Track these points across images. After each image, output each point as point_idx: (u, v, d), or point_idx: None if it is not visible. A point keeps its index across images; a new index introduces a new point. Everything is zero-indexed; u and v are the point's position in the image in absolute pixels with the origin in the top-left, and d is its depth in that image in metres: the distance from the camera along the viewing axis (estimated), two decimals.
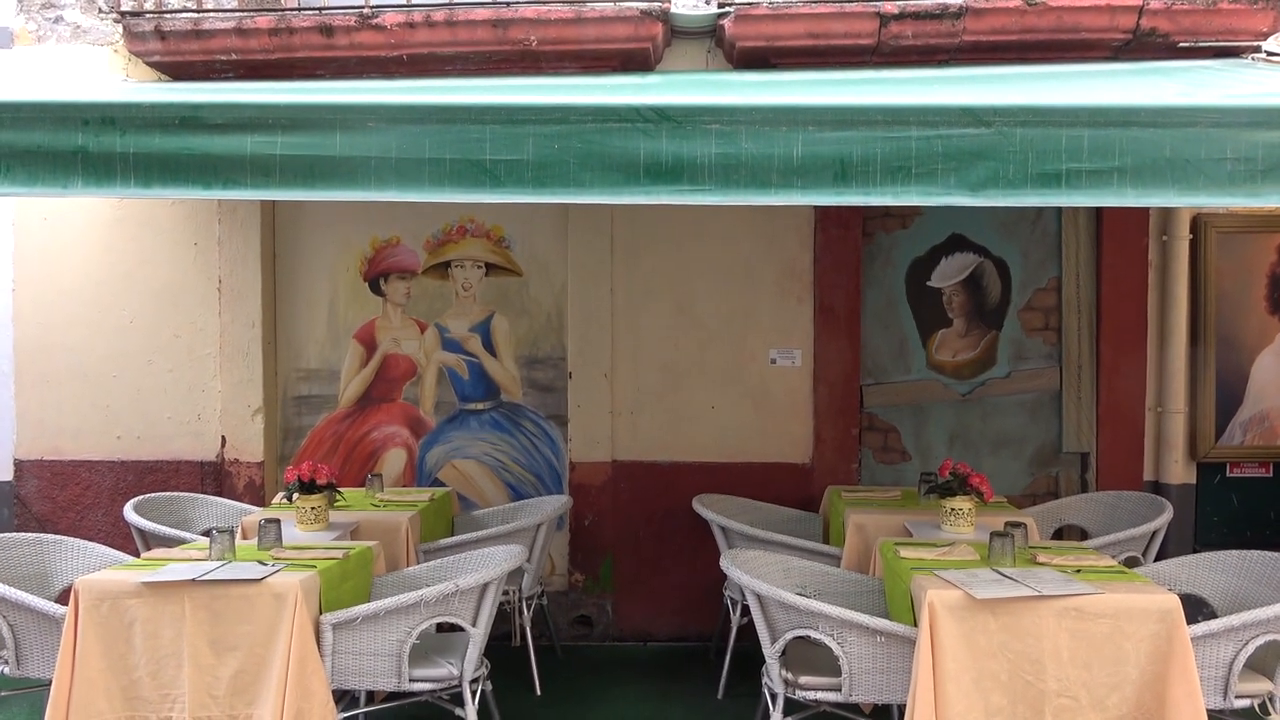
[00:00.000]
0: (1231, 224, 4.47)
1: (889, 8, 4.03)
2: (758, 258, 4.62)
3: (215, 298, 4.68)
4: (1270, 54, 4.20)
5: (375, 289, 4.83)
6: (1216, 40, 4.10)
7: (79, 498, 4.72)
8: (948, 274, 4.73)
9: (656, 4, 4.13)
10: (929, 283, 4.75)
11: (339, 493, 3.76)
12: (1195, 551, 4.19)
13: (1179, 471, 4.54)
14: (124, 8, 4.38)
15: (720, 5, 4.26)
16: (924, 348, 4.76)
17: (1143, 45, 4.11)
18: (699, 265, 4.64)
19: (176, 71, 4.42)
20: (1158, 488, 4.53)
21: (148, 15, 4.28)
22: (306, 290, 4.83)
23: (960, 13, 4.02)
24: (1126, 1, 4.00)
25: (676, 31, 4.41)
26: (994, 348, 4.74)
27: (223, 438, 4.69)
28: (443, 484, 4.75)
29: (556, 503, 4.29)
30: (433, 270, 4.81)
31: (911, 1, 4.05)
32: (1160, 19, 4.03)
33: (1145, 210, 4.53)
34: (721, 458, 4.65)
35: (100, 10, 4.66)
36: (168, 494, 4.32)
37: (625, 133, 2.42)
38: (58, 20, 4.69)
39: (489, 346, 4.80)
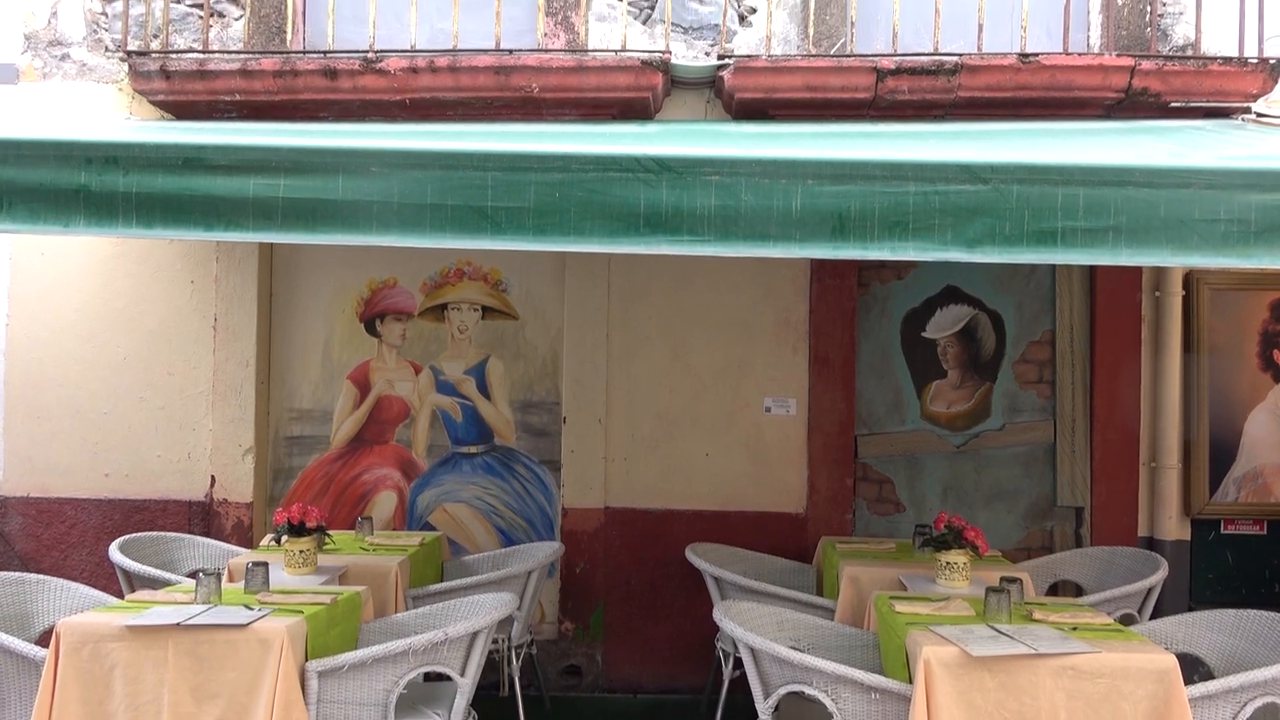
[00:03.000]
0: (1224, 281, 4.51)
1: (886, 63, 4.10)
2: (754, 306, 4.64)
3: (210, 336, 4.67)
4: (1261, 115, 4.27)
5: (371, 330, 4.83)
6: (1208, 101, 4.17)
7: (64, 536, 4.65)
8: (942, 325, 4.75)
9: (657, 55, 4.19)
10: (924, 334, 4.77)
11: (328, 536, 3.72)
12: (1191, 609, 4.15)
13: (1174, 527, 4.52)
14: (130, 47, 4.43)
15: (720, 57, 4.32)
16: (918, 399, 4.76)
17: (1135, 104, 4.17)
18: (695, 312, 4.65)
19: (180, 110, 4.46)
20: (1153, 543, 4.51)
21: (154, 55, 4.32)
22: (302, 330, 4.83)
23: (956, 69, 4.09)
24: (1119, 62, 4.07)
25: (676, 82, 4.47)
26: (988, 400, 4.75)
27: (212, 477, 4.65)
28: (433, 528, 4.71)
29: (548, 549, 4.25)
30: (429, 312, 4.81)
31: (908, 57, 4.12)
32: (1152, 79, 4.10)
33: (1138, 266, 4.57)
34: (715, 506, 4.63)
35: (107, 49, 4.71)
36: (154, 534, 4.26)
37: (626, 182, 2.44)
38: (64, 58, 4.73)
39: (483, 390, 4.79)
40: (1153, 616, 3.67)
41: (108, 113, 4.66)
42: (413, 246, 2.55)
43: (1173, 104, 4.16)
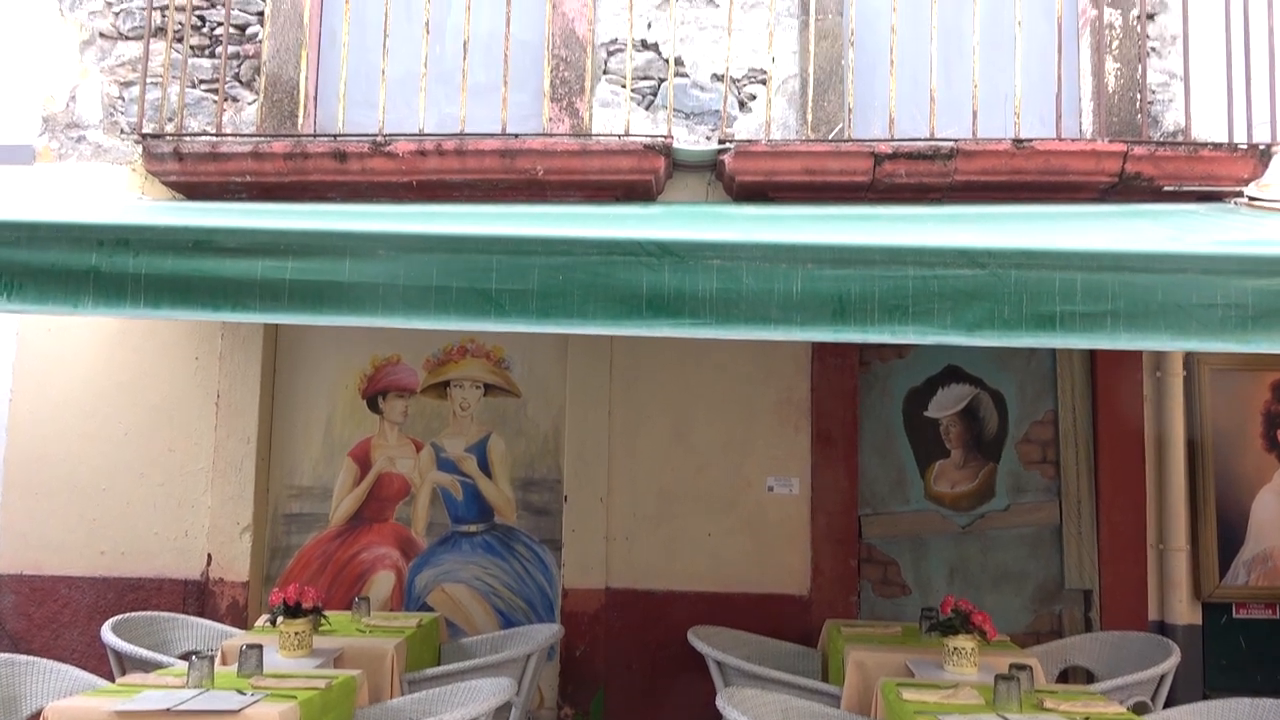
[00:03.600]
0: (1224, 362, 4.52)
1: (883, 148, 4.19)
2: (755, 385, 4.65)
3: (212, 412, 4.68)
4: (1253, 199, 4.34)
5: (373, 407, 4.83)
6: (1200, 185, 4.24)
7: (56, 615, 4.58)
8: (944, 405, 4.75)
9: (659, 139, 4.28)
10: (926, 413, 4.76)
11: (324, 617, 3.66)
12: (1205, 697, 4.06)
13: (1184, 611, 4.44)
14: (145, 130, 4.53)
15: (721, 141, 4.41)
16: (922, 478, 4.73)
17: (1129, 188, 4.24)
18: (697, 391, 4.66)
19: (191, 191, 4.54)
20: (1163, 628, 4.42)
21: (168, 138, 4.43)
22: (304, 406, 4.83)
23: (951, 154, 4.17)
24: (1111, 148, 4.16)
25: (678, 164, 4.56)
26: (992, 480, 4.72)
27: (208, 555, 4.60)
28: (431, 609, 4.64)
29: (547, 632, 4.17)
30: (431, 389, 4.82)
31: (904, 142, 4.20)
32: (1144, 164, 4.18)
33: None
34: (717, 587, 4.56)
35: (123, 131, 4.82)
36: (148, 614, 4.19)
37: (629, 266, 2.47)
38: (80, 140, 4.85)
39: (484, 467, 4.77)
40: (1166, 704, 3.58)
41: (120, 193, 4.75)
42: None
43: (1166, 188, 4.23)
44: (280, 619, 3.50)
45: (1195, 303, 2.41)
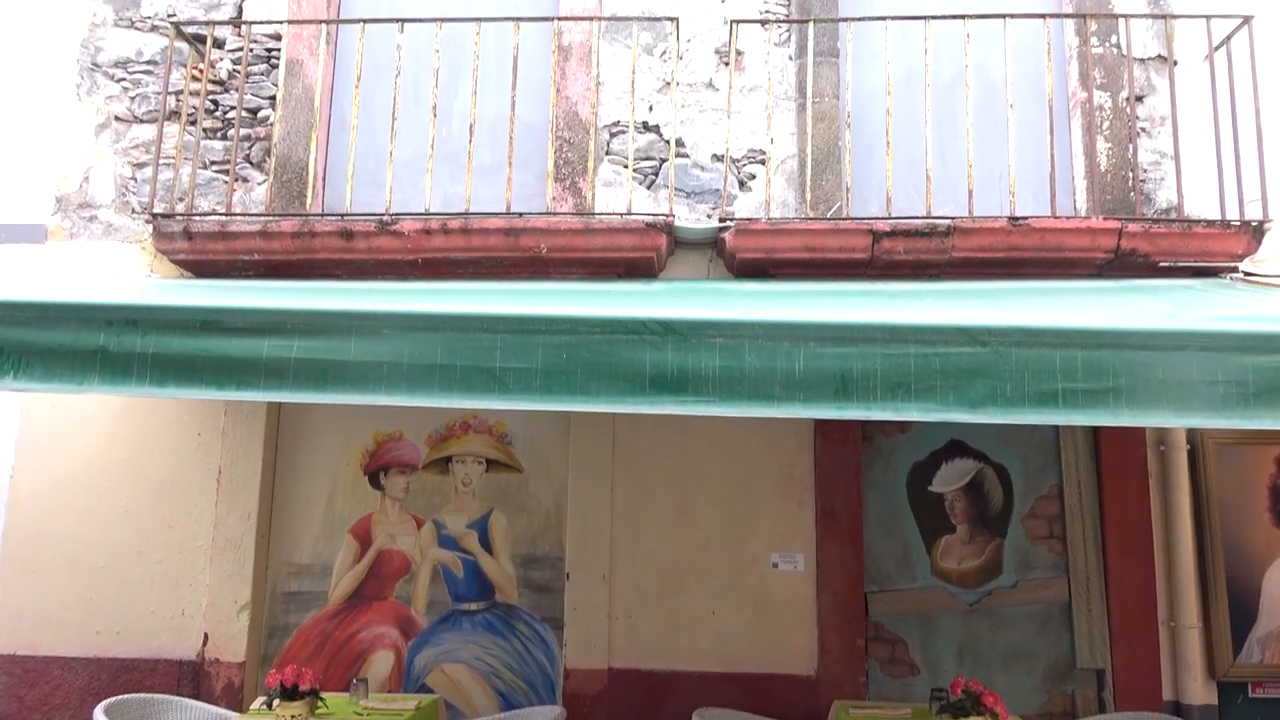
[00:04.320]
0: (1228, 436, 4.51)
1: (881, 225, 4.25)
2: (758, 460, 4.63)
3: (213, 489, 4.66)
4: (1248, 274, 4.39)
5: (375, 483, 4.81)
6: (1195, 261, 4.30)
7: (48, 697, 4.49)
8: (948, 479, 4.73)
9: (661, 217, 4.36)
10: (930, 488, 4.73)
11: (321, 699, 3.59)
12: None
13: (1199, 691, 4.34)
14: (156, 209, 4.62)
15: (721, 219, 4.49)
16: (928, 554, 4.68)
17: (1125, 264, 4.29)
18: (700, 467, 4.64)
19: (200, 269, 4.60)
20: (1179, 708, 4.32)
21: (178, 217, 4.51)
22: (306, 483, 4.81)
23: (949, 231, 4.23)
24: (1106, 225, 4.22)
25: (680, 242, 4.63)
26: (999, 555, 4.66)
27: (205, 635, 4.52)
28: (430, 690, 4.54)
29: (549, 714, 4.08)
30: (433, 465, 4.81)
31: (902, 220, 4.27)
32: (1139, 240, 4.24)
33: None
34: (722, 667, 4.47)
35: (134, 211, 4.91)
36: (141, 695, 4.10)
37: (632, 344, 2.50)
38: (92, 219, 4.93)
39: (486, 544, 4.72)
40: None
41: (130, 271, 4.81)
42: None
43: (1162, 264, 4.29)
44: (277, 701, 3.44)
45: (1196, 380, 2.42)
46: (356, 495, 4.80)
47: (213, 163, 4.90)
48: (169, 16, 5.05)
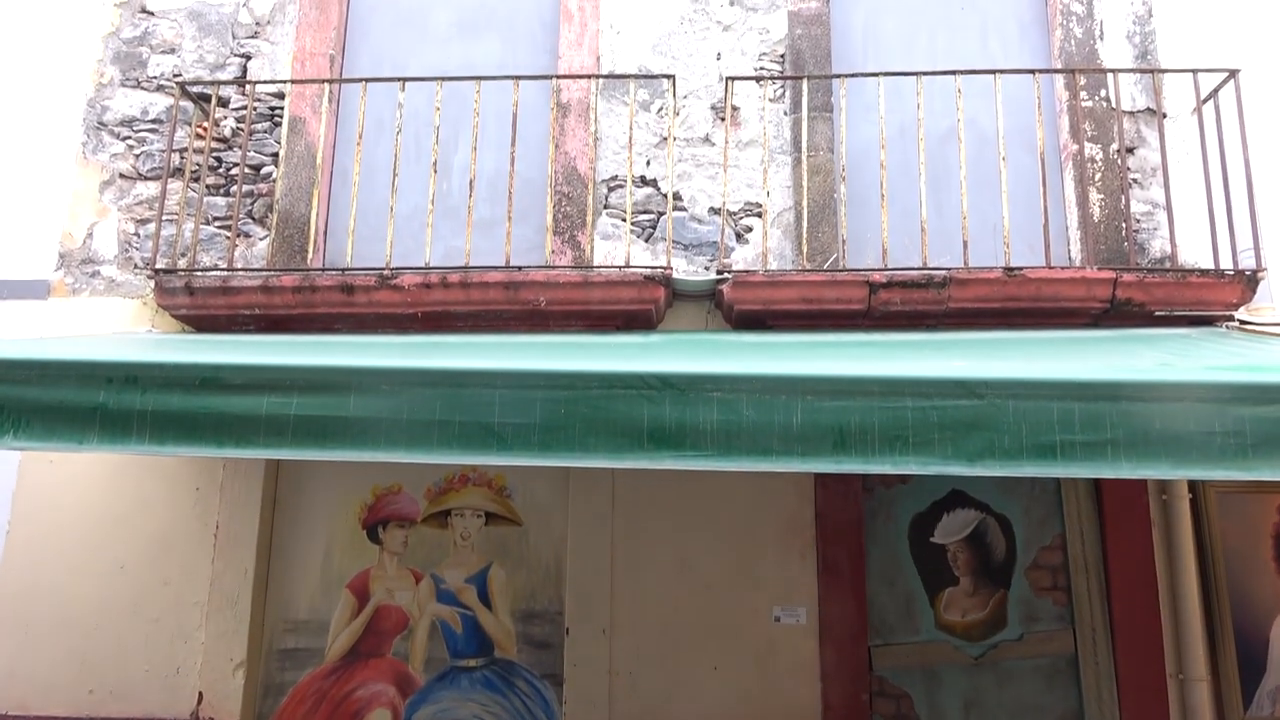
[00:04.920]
0: (1230, 484, 4.49)
1: (877, 277, 4.28)
2: (759, 513, 4.60)
3: (210, 544, 4.62)
4: (1244, 323, 4.41)
5: (373, 537, 4.78)
6: (1190, 310, 4.32)
7: None
8: (950, 530, 4.70)
9: (659, 270, 4.39)
10: (932, 539, 4.70)
11: None
12: None
13: None
14: (159, 265, 4.66)
15: (719, 272, 4.52)
16: (931, 607, 4.62)
17: (1121, 313, 4.32)
18: (700, 519, 4.60)
19: (201, 324, 4.62)
20: None
21: (180, 273, 4.54)
22: (304, 538, 4.78)
23: (945, 282, 4.26)
24: (1101, 275, 4.25)
25: (678, 294, 4.66)
26: (1003, 607, 4.61)
27: (200, 694, 4.45)
28: None
29: None
30: (432, 518, 4.78)
31: (898, 271, 4.30)
32: (1135, 290, 4.27)
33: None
34: None
35: (136, 267, 4.95)
36: None
37: (630, 399, 2.50)
38: (94, 275, 4.97)
39: (484, 599, 4.67)
40: None
41: (131, 326, 4.83)
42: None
43: (1157, 313, 4.31)
44: None
45: (1194, 431, 2.42)
46: (354, 550, 4.76)
47: (215, 219, 4.96)
48: (175, 76, 5.14)
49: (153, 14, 5.27)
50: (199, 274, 4.54)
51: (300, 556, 4.76)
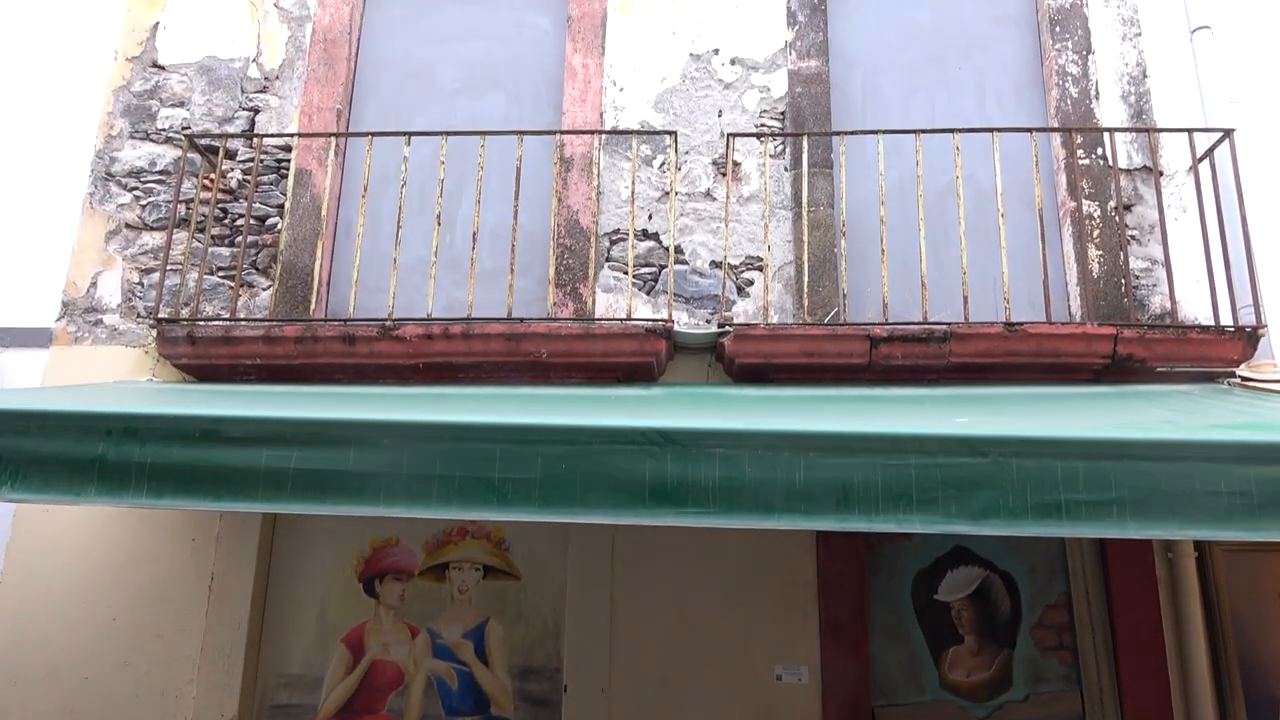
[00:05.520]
0: (1237, 543, 4.45)
1: (878, 331, 4.29)
2: (761, 569, 4.54)
3: (204, 596, 4.56)
4: (1246, 379, 4.41)
5: (369, 590, 4.72)
6: (1192, 366, 4.32)
7: None
8: (954, 588, 4.64)
9: (660, 323, 4.40)
10: (936, 596, 4.64)
11: None
12: None
13: None
14: (161, 314, 4.67)
15: (720, 325, 4.53)
16: (936, 666, 4.55)
17: (1122, 369, 4.32)
18: (701, 575, 4.55)
19: (202, 373, 4.62)
20: None
21: (182, 323, 4.55)
22: (299, 590, 4.72)
23: (946, 337, 4.27)
24: (1101, 331, 4.26)
25: (679, 347, 4.66)
26: (1009, 667, 4.53)
27: None
28: None
29: None
30: (430, 571, 4.72)
31: (899, 326, 4.31)
32: (1136, 346, 4.27)
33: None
34: None
35: (139, 316, 4.96)
36: None
37: (632, 454, 2.48)
38: (97, 323, 4.98)
39: (481, 654, 4.60)
40: None
41: (131, 375, 4.83)
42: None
43: (1159, 369, 4.31)
44: None
45: (1200, 490, 2.40)
46: (350, 603, 4.70)
47: (219, 269, 4.98)
48: (183, 129, 5.21)
49: (164, 68, 5.36)
50: (201, 324, 4.55)
51: (295, 609, 4.69)
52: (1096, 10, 5.12)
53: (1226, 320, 4.45)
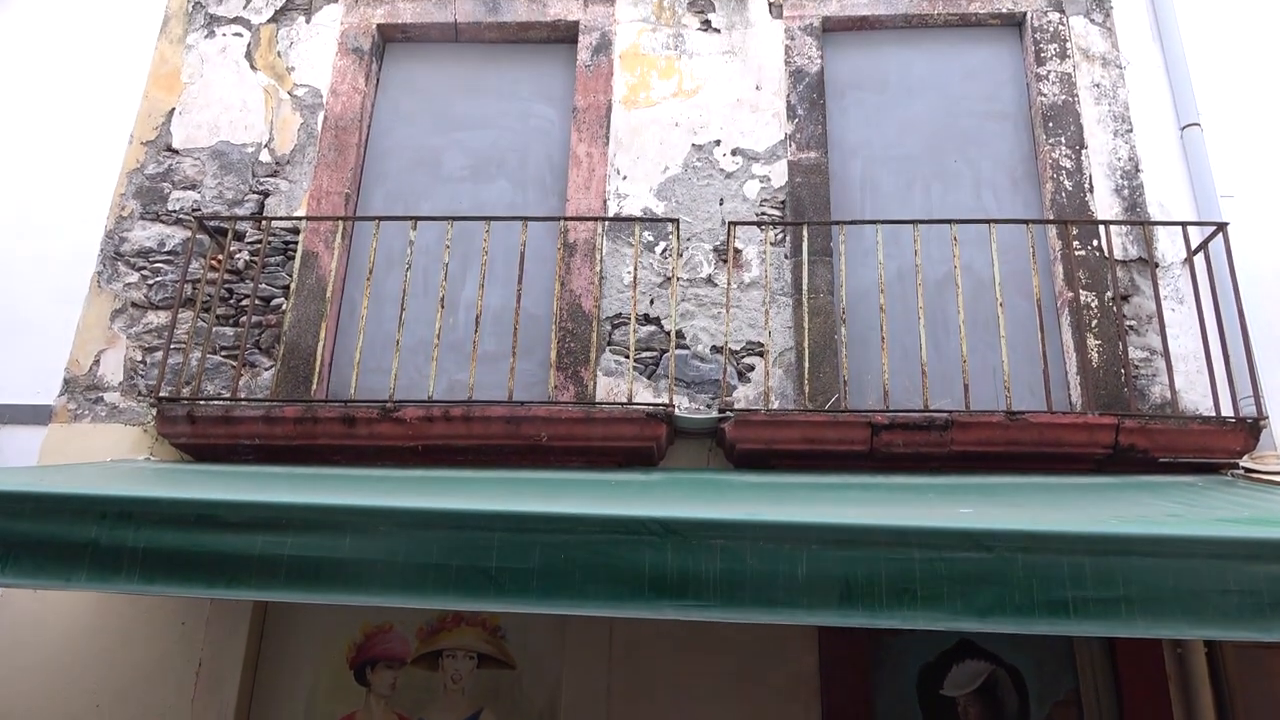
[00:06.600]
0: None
1: (879, 418, 4.28)
2: (762, 660, 4.44)
3: (191, 683, 4.44)
4: (1249, 471, 4.38)
5: (360, 678, 4.60)
6: (1194, 457, 4.30)
7: None
8: (960, 682, 4.52)
9: (661, 408, 4.39)
10: (942, 691, 4.52)
11: None
12: None
13: None
14: (162, 393, 4.67)
15: (721, 410, 4.52)
16: None
17: (1124, 459, 4.29)
18: (701, 665, 4.44)
19: (201, 453, 4.60)
20: None
21: (183, 402, 4.55)
22: (289, 677, 4.60)
23: (947, 425, 4.26)
24: (1102, 421, 4.25)
25: (680, 432, 4.64)
26: None
27: None
28: None
29: None
30: (422, 659, 4.61)
31: (900, 413, 4.31)
32: (1137, 436, 4.26)
33: None
34: None
35: (140, 394, 4.96)
36: None
37: (632, 545, 2.46)
38: (97, 401, 4.97)
39: None
40: None
41: (130, 453, 4.80)
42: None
43: (1161, 459, 4.28)
44: None
45: (1209, 589, 2.37)
46: (340, 691, 4.57)
47: (223, 348, 5.00)
48: (194, 211, 5.30)
49: (177, 152, 5.48)
50: (201, 403, 4.55)
51: (285, 697, 4.56)
52: (1088, 107, 5.25)
53: (1227, 411, 4.44)
